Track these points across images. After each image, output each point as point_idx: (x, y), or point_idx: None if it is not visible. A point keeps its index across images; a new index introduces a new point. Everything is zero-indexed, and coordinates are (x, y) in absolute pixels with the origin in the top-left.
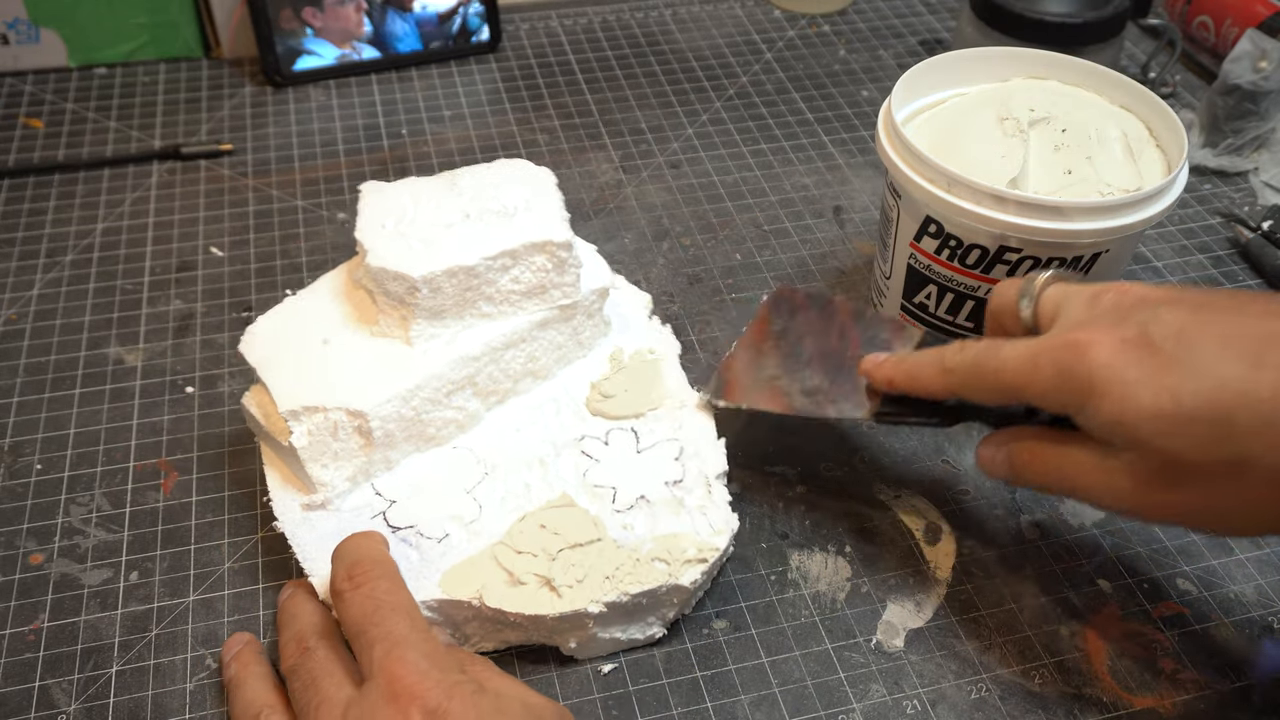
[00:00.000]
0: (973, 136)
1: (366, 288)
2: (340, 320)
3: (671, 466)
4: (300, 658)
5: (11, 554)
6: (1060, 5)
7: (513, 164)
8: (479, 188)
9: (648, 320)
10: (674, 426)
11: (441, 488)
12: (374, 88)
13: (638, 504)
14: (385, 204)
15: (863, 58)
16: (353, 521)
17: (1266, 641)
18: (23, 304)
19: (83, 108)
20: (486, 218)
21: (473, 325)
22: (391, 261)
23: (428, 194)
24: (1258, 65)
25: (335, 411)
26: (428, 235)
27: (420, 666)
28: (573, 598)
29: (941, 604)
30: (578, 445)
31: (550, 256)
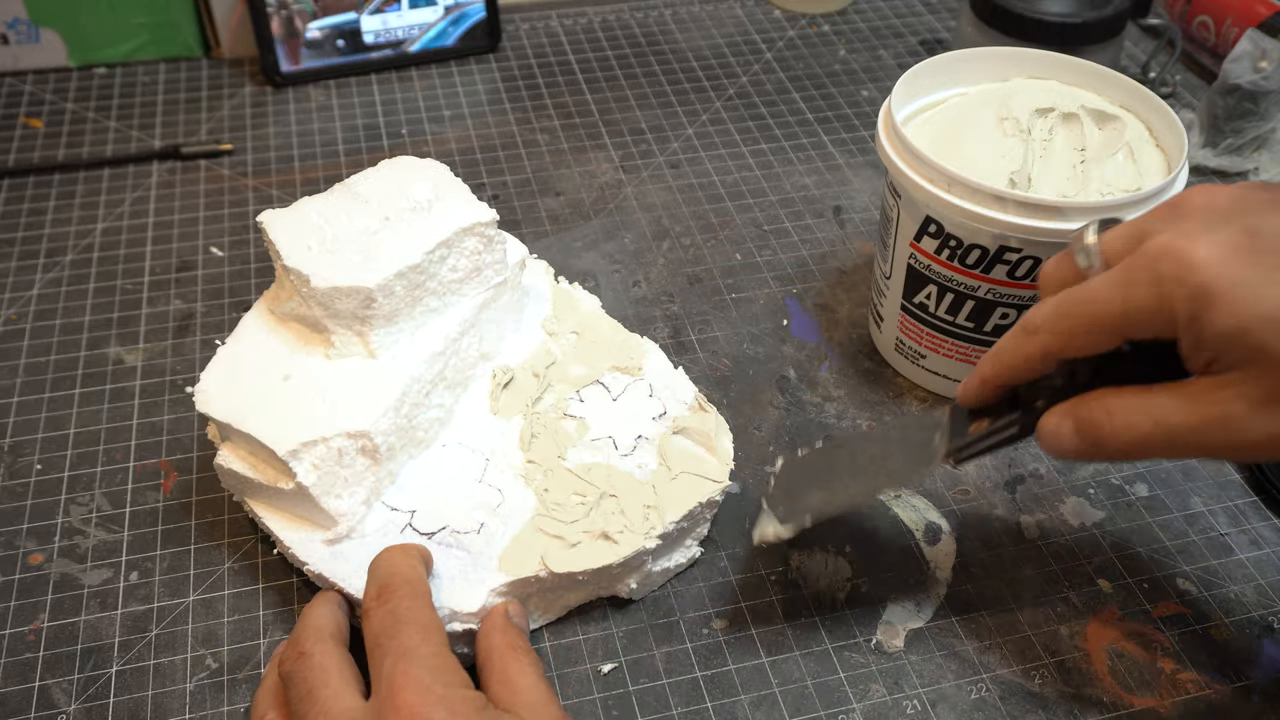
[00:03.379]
0: (973, 136)
1: (301, 315)
2: (288, 354)
3: (650, 403)
4: (295, 663)
5: (11, 554)
6: (1060, 5)
7: (399, 161)
8: (382, 191)
9: (555, 284)
10: (634, 368)
11: (453, 484)
12: (374, 88)
13: (639, 443)
14: (297, 228)
15: (863, 58)
16: (381, 542)
17: (1266, 641)
18: (23, 304)
19: (83, 108)
20: (405, 216)
21: (424, 323)
22: (340, 279)
23: (334, 209)
24: (1258, 65)
25: (336, 439)
26: (359, 246)
27: (423, 681)
28: (629, 540)
29: (941, 604)
30: (557, 410)
31: (480, 237)
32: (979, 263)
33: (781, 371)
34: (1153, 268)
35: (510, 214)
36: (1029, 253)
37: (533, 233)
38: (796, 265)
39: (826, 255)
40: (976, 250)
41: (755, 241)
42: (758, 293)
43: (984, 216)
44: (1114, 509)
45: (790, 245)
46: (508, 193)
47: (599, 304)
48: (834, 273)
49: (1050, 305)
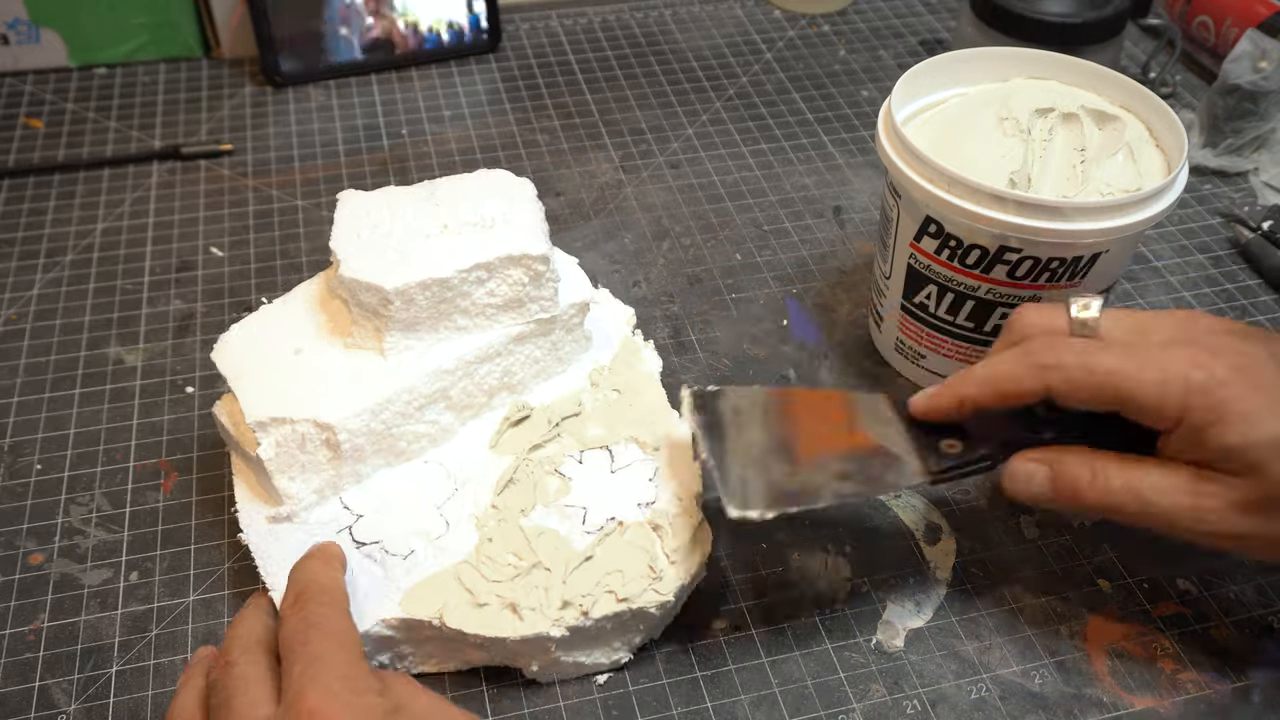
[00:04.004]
0: (973, 136)
1: (341, 298)
2: (314, 330)
3: (645, 488)
4: (219, 672)
5: (11, 554)
6: (1060, 5)
7: (493, 174)
8: (457, 199)
9: (630, 335)
10: (651, 446)
11: (410, 503)
12: (374, 88)
13: (608, 525)
14: (362, 213)
15: (863, 58)
16: (318, 535)
17: (1266, 641)
18: (23, 304)
19: (83, 108)
20: (464, 229)
21: (447, 338)
22: (365, 272)
23: (406, 204)
24: (1258, 65)
25: (303, 423)
26: (403, 246)
27: (331, 688)
28: (534, 620)
29: (941, 604)
30: (551, 464)
31: (526, 270)
32: (979, 263)
33: (781, 371)
34: (1184, 371)
35: None
36: (1029, 253)
37: None
38: (796, 265)
39: (826, 255)
40: (976, 250)
41: (755, 241)
42: (758, 293)
43: (984, 216)
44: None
45: (790, 245)
46: None
47: (659, 368)
48: (834, 273)
49: (1074, 355)
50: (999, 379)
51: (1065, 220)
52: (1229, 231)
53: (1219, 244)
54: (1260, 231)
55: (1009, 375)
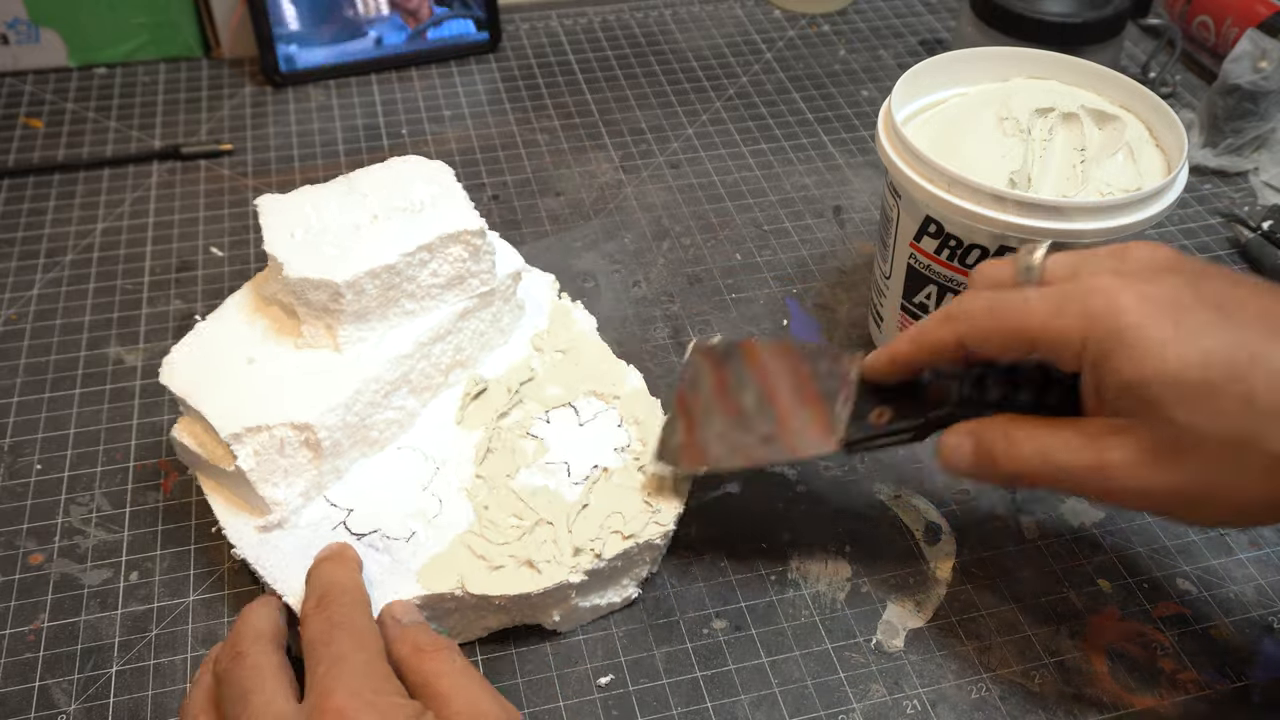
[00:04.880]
0: (973, 136)
1: (282, 302)
2: (260, 338)
3: (616, 434)
4: (231, 664)
5: (11, 554)
6: (1060, 5)
7: (408, 160)
8: (380, 188)
9: (557, 300)
10: (610, 395)
11: (396, 488)
12: (374, 88)
13: (593, 473)
14: (288, 215)
15: (863, 58)
16: (312, 537)
17: (1266, 641)
18: (23, 304)
19: (83, 108)
20: (394, 216)
21: (398, 324)
22: (312, 270)
23: (329, 200)
24: (1258, 65)
25: (279, 428)
26: (340, 240)
27: (353, 686)
28: (553, 571)
29: (941, 604)
30: (521, 428)
31: (466, 246)
32: (979, 263)
33: None
34: (1084, 299)
35: (510, 214)
36: None
37: (533, 233)
38: (796, 265)
39: (826, 255)
40: (976, 250)
41: (755, 241)
42: (758, 293)
43: (984, 216)
44: (1114, 509)
45: (790, 245)
46: (508, 193)
47: (595, 325)
48: (834, 273)
49: (982, 301)
50: (920, 332)
51: (1065, 220)
52: (1229, 231)
53: (1219, 244)
54: (1260, 231)
55: (928, 327)
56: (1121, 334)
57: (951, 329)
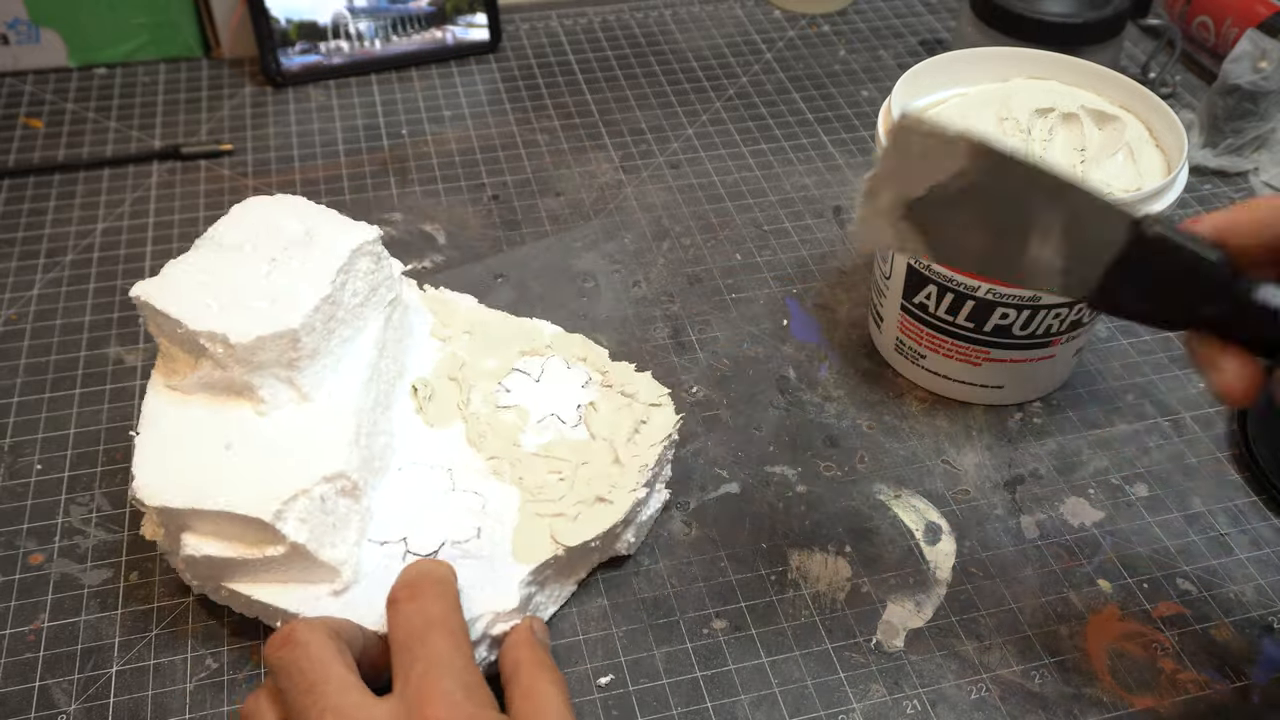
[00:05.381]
0: None
1: (210, 383)
2: (215, 424)
3: (572, 374)
4: (288, 651)
5: (11, 554)
6: (1060, 5)
7: (252, 203)
8: (251, 236)
9: (423, 291)
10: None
11: (429, 502)
12: (374, 88)
13: (583, 410)
14: (184, 292)
15: (863, 58)
16: (385, 579)
17: (1266, 641)
18: (23, 304)
19: (83, 108)
20: (288, 253)
21: (341, 355)
22: (260, 328)
23: (213, 264)
24: (1258, 65)
25: (315, 487)
26: (259, 293)
27: (454, 697)
28: (622, 497)
29: (941, 604)
30: (489, 406)
31: (370, 256)
32: None
33: (781, 371)
34: None
35: (510, 214)
36: None
37: (533, 233)
38: (796, 265)
39: (826, 255)
40: None
41: (755, 241)
42: (758, 293)
43: None
44: (1114, 509)
45: (790, 245)
46: (508, 193)
47: (475, 301)
48: (834, 273)
49: None
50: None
51: None
52: None
53: None
54: None
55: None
56: None
57: None
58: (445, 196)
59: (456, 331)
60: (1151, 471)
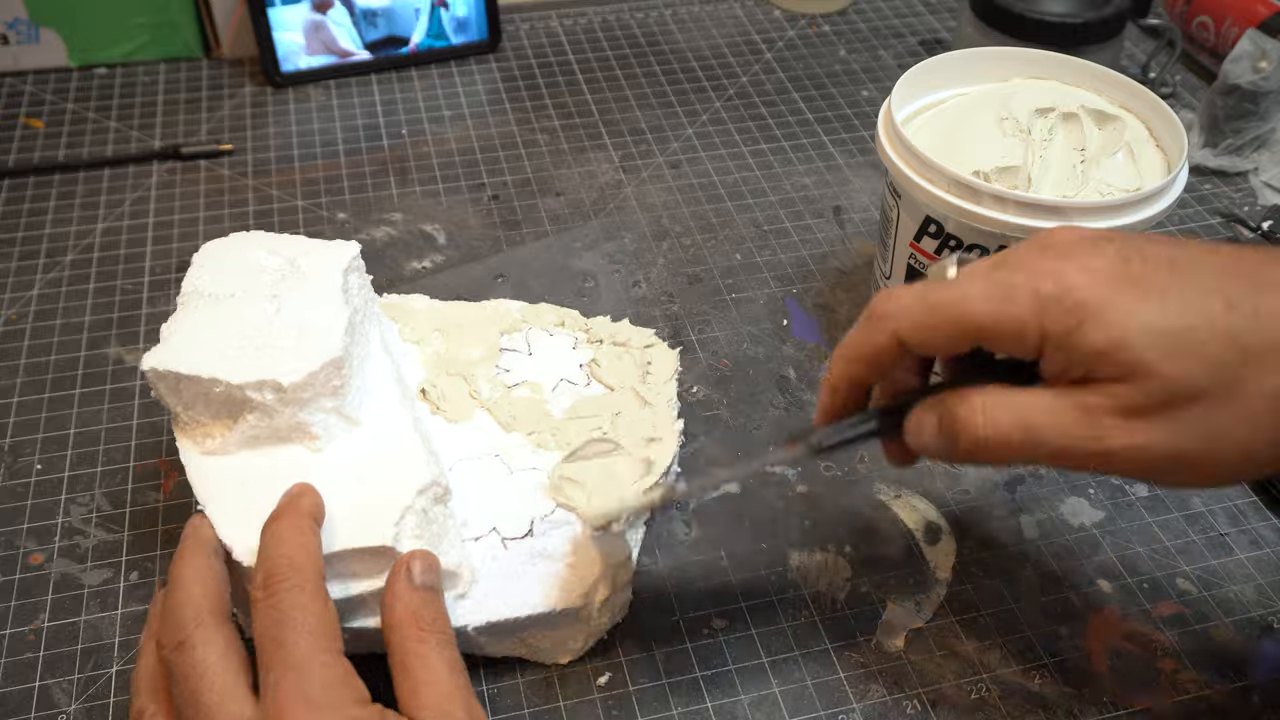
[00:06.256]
0: (973, 136)
1: (253, 436)
2: (278, 475)
3: (559, 340)
4: (176, 654)
5: (11, 554)
6: (1060, 5)
7: (212, 248)
8: (235, 280)
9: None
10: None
11: (497, 490)
12: (374, 88)
13: (589, 368)
14: (199, 354)
15: (863, 58)
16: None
17: (1266, 641)
18: (23, 304)
19: (83, 108)
20: (285, 287)
21: (366, 374)
22: (307, 364)
23: (213, 318)
24: (1258, 65)
25: (415, 500)
26: (278, 332)
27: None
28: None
29: (941, 604)
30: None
31: (357, 272)
32: None
33: (781, 371)
34: (1031, 285)
35: (510, 214)
36: None
37: (533, 233)
38: (796, 265)
39: (826, 255)
40: (976, 250)
41: (755, 241)
42: (758, 293)
43: (984, 216)
44: (1114, 509)
45: (790, 245)
46: (508, 193)
47: (427, 299)
48: (834, 273)
49: (909, 295)
50: (849, 347)
51: (1065, 220)
52: (1229, 231)
53: None
54: (1260, 231)
55: (857, 340)
56: (1084, 306)
57: (884, 329)
58: (445, 196)
59: (425, 332)
60: None
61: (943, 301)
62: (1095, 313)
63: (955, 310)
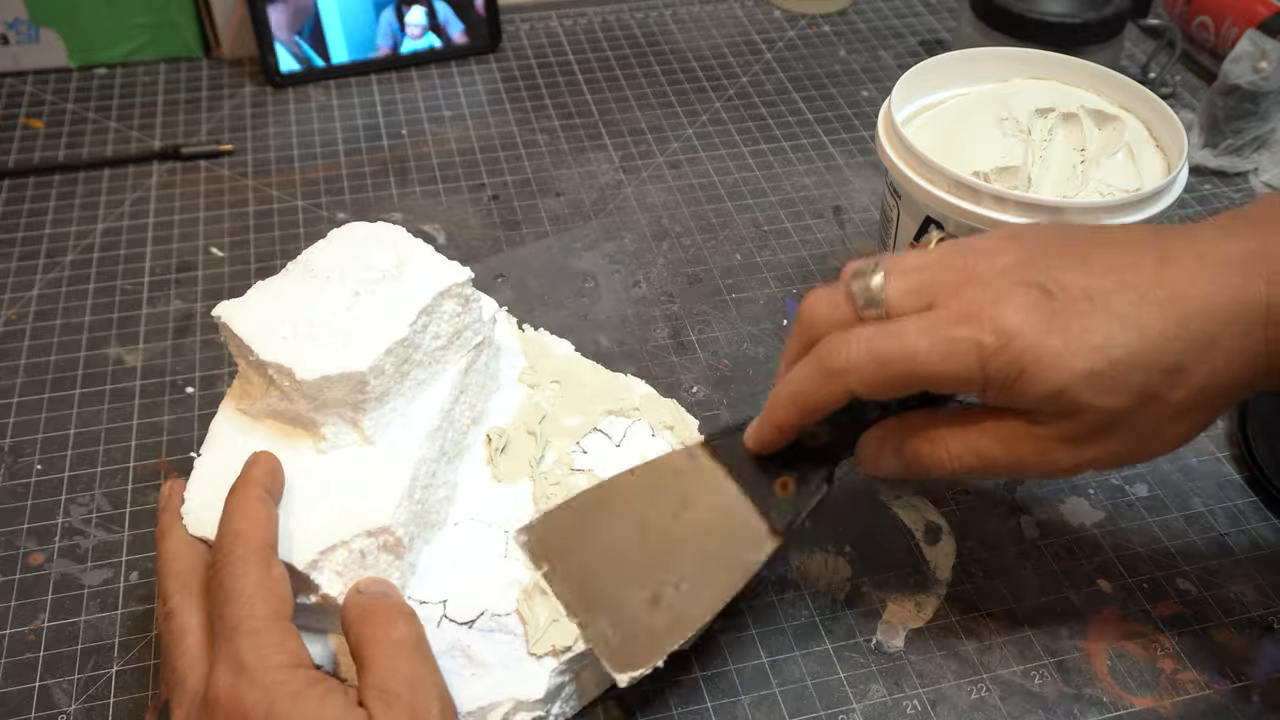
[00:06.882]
0: (973, 136)
1: (279, 411)
2: (270, 449)
3: (654, 443)
4: (163, 624)
5: (11, 554)
6: (1060, 5)
7: (351, 229)
8: (342, 264)
9: (521, 332)
10: (630, 408)
11: (479, 565)
12: (374, 88)
13: None
14: (262, 317)
15: (863, 58)
16: None
17: (1266, 641)
18: (23, 304)
19: (83, 108)
20: (375, 287)
21: (414, 397)
22: (328, 366)
23: (297, 290)
24: (1258, 65)
25: (355, 540)
26: (335, 327)
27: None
28: None
29: (941, 604)
30: (563, 466)
31: (457, 299)
32: None
33: None
34: (975, 337)
35: (510, 214)
36: None
37: (533, 233)
38: (796, 265)
39: (826, 255)
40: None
41: (755, 241)
42: (758, 293)
43: (984, 217)
44: (1114, 509)
45: (790, 245)
46: (508, 193)
47: (572, 348)
48: (834, 273)
49: (860, 348)
50: (801, 395)
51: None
52: None
53: None
54: None
55: (808, 389)
56: (1023, 355)
57: (840, 384)
58: (445, 196)
59: (544, 380)
60: (1151, 471)
61: (893, 358)
62: (1033, 361)
63: (905, 366)
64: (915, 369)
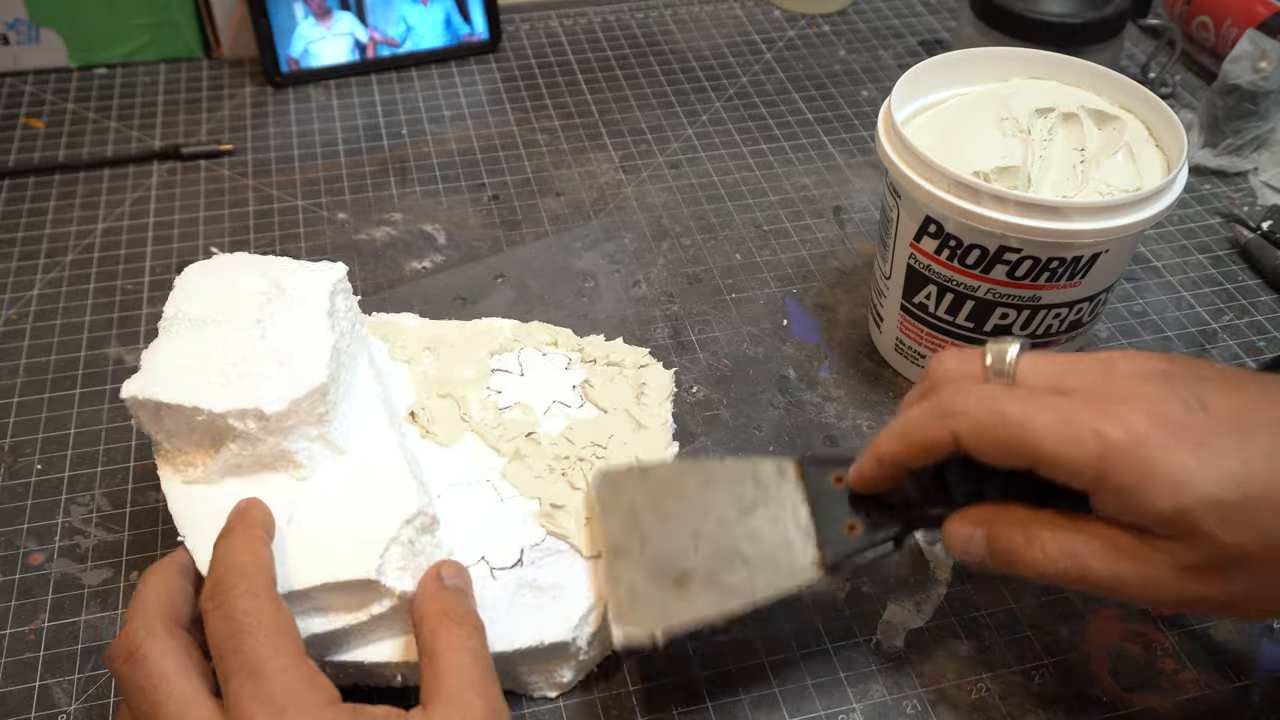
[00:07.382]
0: (973, 136)
1: (237, 464)
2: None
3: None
4: (127, 666)
5: (11, 554)
6: (1060, 5)
7: (195, 270)
8: (221, 305)
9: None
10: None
11: (487, 518)
12: (374, 88)
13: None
14: (183, 381)
15: (863, 58)
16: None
17: (1266, 641)
18: (23, 304)
19: (83, 108)
20: (270, 310)
21: (349, 395)
22: (291, 391)
23: (198, 342)
24: (1257, 65)
25: (401, 531)
26: (264, 358)
27: (275, 701)
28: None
29: (941, 604)
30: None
31: (344, 294)
32: (979, 263)
33: (781, 371)
34: (1100, 429)
35: (510, 214)
36: (1029, 253)
37: (533, 233)
38: (796, 265)
39: (826, 255)
40: (976, 250)
41: (755, 241)
42: (758, 293)
43: (984, 216)
44: None
45: (790, 245)
46: (508, 193)
47: (417, 317)
48: (834, 273)
49: (982, 401)
50: (909, 429)
51: (1065, 220)
52: (1229, 231)
53: (1219, 244)
54: (1260, 231)
55: (918, 425)
56: (1145, 464)
57: (949, 426)
58: (445, 196)
59: (415, 351)
60: None
61: (1009, 418)
62: (1159, 473)
63: (1020, 433)
64: (1027, 438)
